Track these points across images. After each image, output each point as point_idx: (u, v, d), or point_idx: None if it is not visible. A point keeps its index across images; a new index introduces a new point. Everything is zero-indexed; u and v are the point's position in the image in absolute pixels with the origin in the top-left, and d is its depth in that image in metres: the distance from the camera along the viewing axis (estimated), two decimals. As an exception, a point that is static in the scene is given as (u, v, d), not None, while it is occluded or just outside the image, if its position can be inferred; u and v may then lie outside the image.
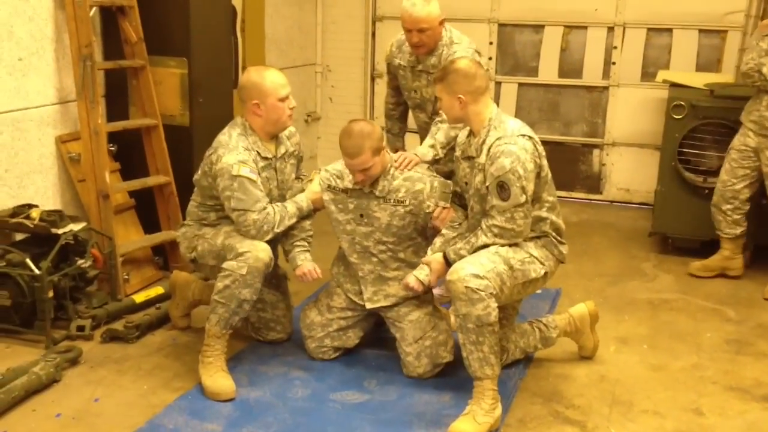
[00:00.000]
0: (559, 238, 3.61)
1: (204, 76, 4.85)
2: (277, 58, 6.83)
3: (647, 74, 6.75)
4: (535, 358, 3.99)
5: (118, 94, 4.86)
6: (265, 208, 3.66)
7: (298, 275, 3.84)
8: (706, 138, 5.45)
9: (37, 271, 3.95)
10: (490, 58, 7.11)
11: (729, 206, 5.11)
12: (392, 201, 3.73)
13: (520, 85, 7.20)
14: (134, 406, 3.52)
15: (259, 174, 3.70)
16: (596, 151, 7.12)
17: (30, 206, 4.20)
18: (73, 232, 4.16)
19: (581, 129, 7.13)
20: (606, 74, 6.92)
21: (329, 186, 3.85)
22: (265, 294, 4.00)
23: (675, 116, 5.43)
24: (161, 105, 4.79)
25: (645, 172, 6.78)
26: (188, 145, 4.84)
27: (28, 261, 3.96)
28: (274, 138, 3.82)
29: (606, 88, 6.95)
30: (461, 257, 3.43)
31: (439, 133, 3.96)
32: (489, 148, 3.41)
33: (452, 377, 3.76)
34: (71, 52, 4.39)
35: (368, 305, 3.85)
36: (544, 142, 7.24)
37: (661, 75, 6.23)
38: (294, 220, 3.81)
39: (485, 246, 3.41)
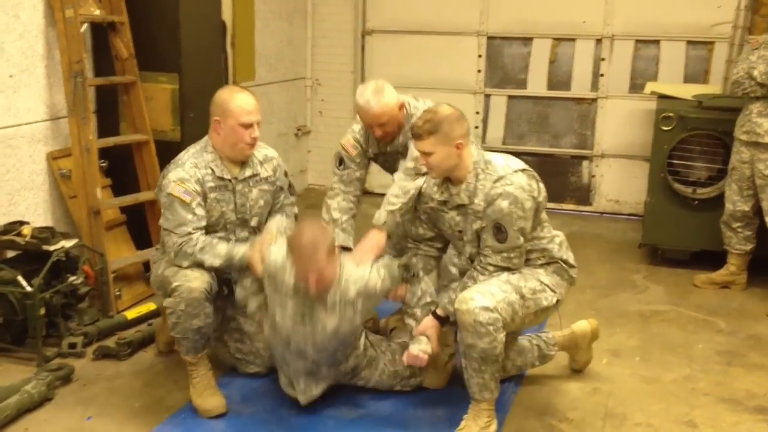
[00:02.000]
0: (569, 262, 3.52)
1: (195, 91, 4.85)
2: (267, 73, 6.86)
3: (635, 86, 6.81)
4: (528, 372, 3.99)
5: (109, 110, 4.86)
6: (189, 233, 3.49)
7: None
8: (694, 149, 5.48)
9: (28, 289, 3.93)
10: (479, 71, 7.16)
11: (739, 224, 5.14)
12: (343, 304, 3.43)
13: (510, 97, 7.23)
14: (127, 424, 3.50)
15: (206, 195, 3.56)
16: (585, 163, 7.15)
17: (21, 223, 4.18)
18: (64, 248, 4.15)
19: (570, 141, 7.17)
20: (594, 86, 6.97)
21: (269, 274, 3.52)
22: (242, 323, 3.87)
23: (664, 128, 5.46)
24: (152, 120, 4.79)
25: (634, 184, 6.83)
26: (179, 161, 4.84)
27: (20, 278, 3.95)
28: (238, 162, 3.67)
29: (594, 99, 6.99)
30: None
31: (392, 198, 3.77)
32: (487, 192, 3.30)
33: (446, 392, 3.76)
34: (62, 68, 4.39)
35: (302, 399, 3.55)
36: (534, 154, 7.34)
37: (650, 87, 6.27)
38: (219, 261, 3.53)
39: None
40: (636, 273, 5.58)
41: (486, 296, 3.22)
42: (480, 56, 7.16)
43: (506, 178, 3.27)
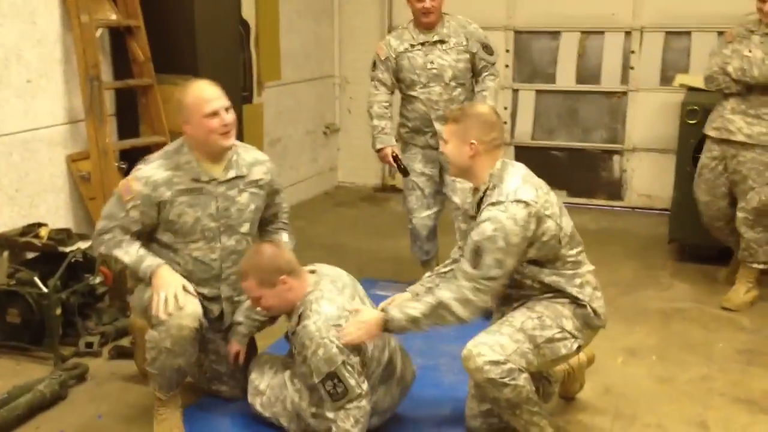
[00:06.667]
0: (594, 308, 3.18)
1: (212, 93, 4.90)
2: (294, 72, 6.91)
3: (667, 78, 6.67)
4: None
5: (129, 112, 4.95)
6: (110, 228, 3.28)
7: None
8: (721, 143, 5.34)
9: (45, 289, 4.02)
10: (507, 66, 7.09)
11: (721, 223, 4.97)
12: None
13: (538, 92, 7.17)
14: (137, 422, 3.54)
15: (171, 200, 3.30)
16: (616, 157, 7.05)
17: (39, 225, 4.28)
18: (80, 250, 4.23)
19: (600, 135, 7.07)
20: (624, 79, 6.86)
21: None
22: (219, 345, 3.61)
23: (689, 121, 5.34)
24: (170, 122, 4.84)
25: (666, 178, 6.61)
26: (197, 162, 4.90)
27: (36, 279, 4.04)
28: (220, 160, 3.40)
29: (625, 93, 6.89)
30: (410, 315, 3.06)
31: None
32: (482, 210, 3.06)
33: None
34: (78, 72, 4.47)
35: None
36: (563, 149, 7.24)
37: (679, 79, 6.16)
38: (127, 259, 3.27)
39: (440, 304, 3.01)
40: (662, 270, 5.48)
41: (495, 349, 2.99)
42: (507, 51, 7.10)
43: (503, 205, 2.98)
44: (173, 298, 3.17)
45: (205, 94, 3.30)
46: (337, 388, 3.06)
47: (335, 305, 3.16)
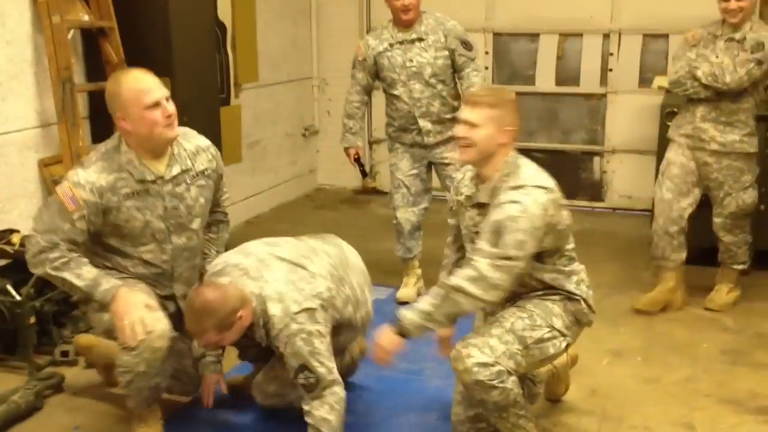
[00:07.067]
0: (590, 304, 3.17)
1: (189, 95, 4.80)
2: (271, 73, 6.83)
3: (645, 80, 6.68)
4: (524, 374, 3.90)
5: (102, 115, 4.80)
6: (56, 243, 3.02)
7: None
8: (699, 144, 5.32)
9: (17, 297, 3.92)
10: (486, 68, 7.06)
11: (675, 228, 4.79)
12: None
13: (518, 94, 7.07)
14: (113, 433, 3.46)
15: (117, 206, 3.10)
16: (596, 159, 7.04)
17: (11, 231, 4.17)
18: (54, 256, 4.12)
19: (580, 137, 7.07)
20: (603, 81, 6.86)
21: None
22: (174, 342, 3.26)
23: (669, 123, 5.30)
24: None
25: (646, 179, 6.64)
26: (174, 165, 4.82)
27: (9, 287, 3.93)
28: (163, 155, 3.18)
29: (604, 95, 6.88)
30: (421, 310, 2.95)
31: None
32: (501, 194, 2.98)
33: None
34: (50, 75, 4.37)
35: None
36: (543, 151, 7.21)
37: (657, 81, 6.16)
38: (81, 284, 3.05)
39: (451, 287, 2.91)
40: (645, 271, 5.42)
41: (484, 351, 2.92)
42: (487, 53, 7.07)
43: (525, 189, 2.93)
44: (140, 323, 3.01)
45: (143, 85, 3.04)
46: (310, 379, 3.08)
47: (277, 297, 3.11)
